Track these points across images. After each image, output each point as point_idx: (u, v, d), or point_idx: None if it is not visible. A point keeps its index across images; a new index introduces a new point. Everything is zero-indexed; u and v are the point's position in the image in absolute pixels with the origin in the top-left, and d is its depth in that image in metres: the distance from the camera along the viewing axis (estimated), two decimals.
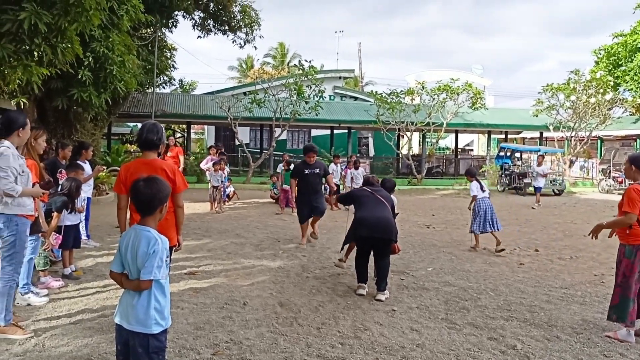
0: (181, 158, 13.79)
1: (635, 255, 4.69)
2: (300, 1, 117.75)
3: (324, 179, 9.12)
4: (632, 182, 4.93)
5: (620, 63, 33.61)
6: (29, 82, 8.06)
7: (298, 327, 4.82)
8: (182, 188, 4.37)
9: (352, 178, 15.03)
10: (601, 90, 25.80)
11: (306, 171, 8.69)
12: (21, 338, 4.30)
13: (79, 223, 6.82)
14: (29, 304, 5.18)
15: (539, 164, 17.47)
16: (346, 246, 6.61)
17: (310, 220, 8.90)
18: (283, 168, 14.14)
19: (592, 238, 5.04)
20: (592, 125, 26.20)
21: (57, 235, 6.02)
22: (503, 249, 8.54)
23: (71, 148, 7.95)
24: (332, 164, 16.04)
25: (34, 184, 4.71)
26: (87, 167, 7.85)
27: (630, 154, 5.41)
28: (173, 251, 4.57)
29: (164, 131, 4.57)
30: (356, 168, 15.23)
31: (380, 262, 5.93)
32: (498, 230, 8.74)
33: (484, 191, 8.97)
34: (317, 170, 8.75)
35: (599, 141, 31.25)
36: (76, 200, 6.23)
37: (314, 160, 8.73)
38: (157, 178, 2.96)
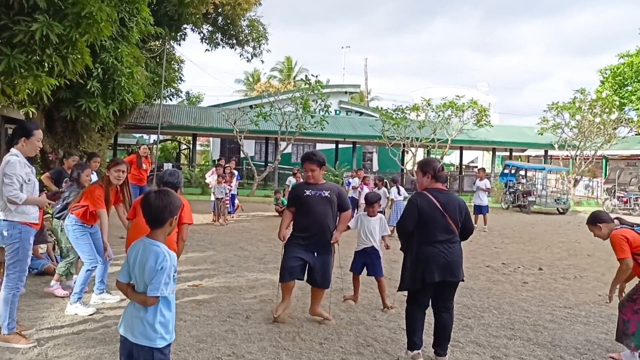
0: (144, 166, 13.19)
1: None
2: (308, 17, 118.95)
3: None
4: None
5: (626, 83, 33.80)
6: (38, 92, 8.14)
7: (300, 341, 4.81)
8: (184, 221, 4.41)
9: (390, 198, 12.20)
10: (607, 110, 25.84)
11: (307, 192, 5.26)
12: (24, 347, 4.30)
13: None
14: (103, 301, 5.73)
15: (481, 178, 14.24)
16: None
17: (297, 283, 5.50)
18: (295, 181, 14.05)
19: (610, 301, 4.88)
20: (597, 144, 26.20)
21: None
22: None
23: (77, 158, 7.99)
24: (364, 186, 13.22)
25: (40, 194, 4.75)
26: (94, 177, 7.89)
27: None
28: None
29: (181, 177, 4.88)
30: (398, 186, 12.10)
31: (446, 315, 4.45)
32: None
33: (400, 195, 11.62)
34: (327, 194, 5.25)
35: (604, 160, 31.21)
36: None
37: (317, 179, 5.30)
38: (169, 191, 2.99)
